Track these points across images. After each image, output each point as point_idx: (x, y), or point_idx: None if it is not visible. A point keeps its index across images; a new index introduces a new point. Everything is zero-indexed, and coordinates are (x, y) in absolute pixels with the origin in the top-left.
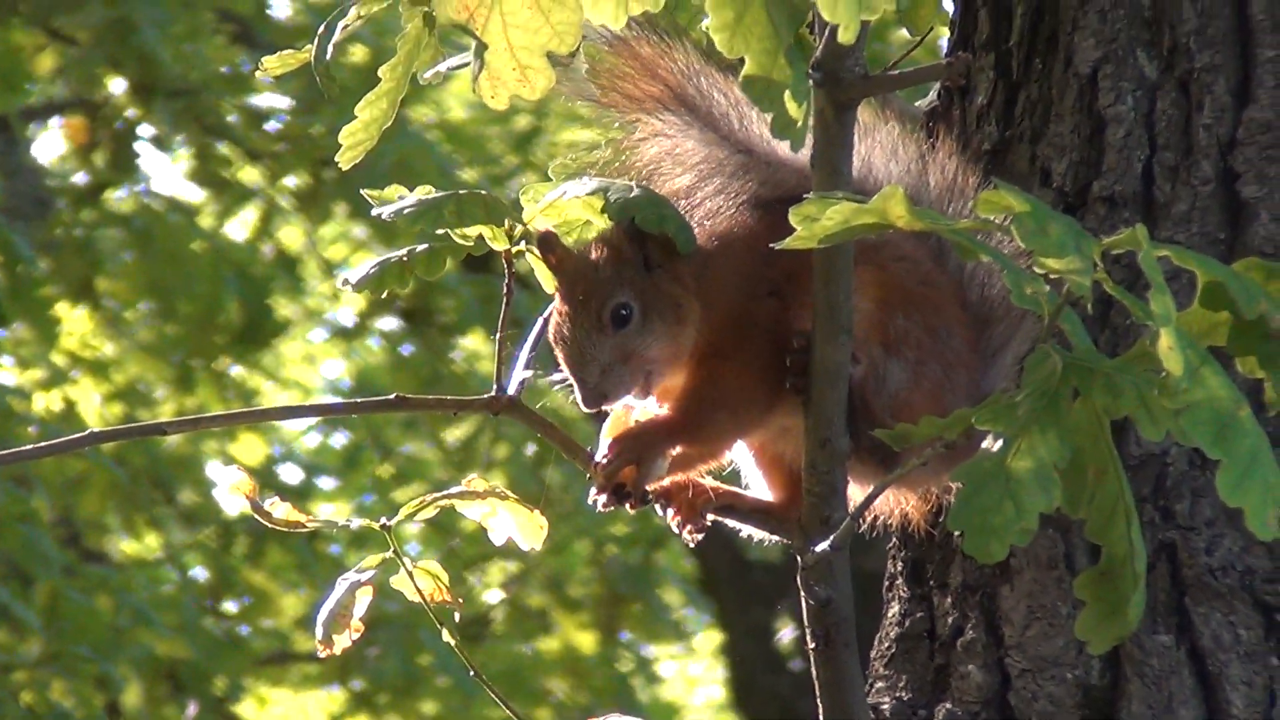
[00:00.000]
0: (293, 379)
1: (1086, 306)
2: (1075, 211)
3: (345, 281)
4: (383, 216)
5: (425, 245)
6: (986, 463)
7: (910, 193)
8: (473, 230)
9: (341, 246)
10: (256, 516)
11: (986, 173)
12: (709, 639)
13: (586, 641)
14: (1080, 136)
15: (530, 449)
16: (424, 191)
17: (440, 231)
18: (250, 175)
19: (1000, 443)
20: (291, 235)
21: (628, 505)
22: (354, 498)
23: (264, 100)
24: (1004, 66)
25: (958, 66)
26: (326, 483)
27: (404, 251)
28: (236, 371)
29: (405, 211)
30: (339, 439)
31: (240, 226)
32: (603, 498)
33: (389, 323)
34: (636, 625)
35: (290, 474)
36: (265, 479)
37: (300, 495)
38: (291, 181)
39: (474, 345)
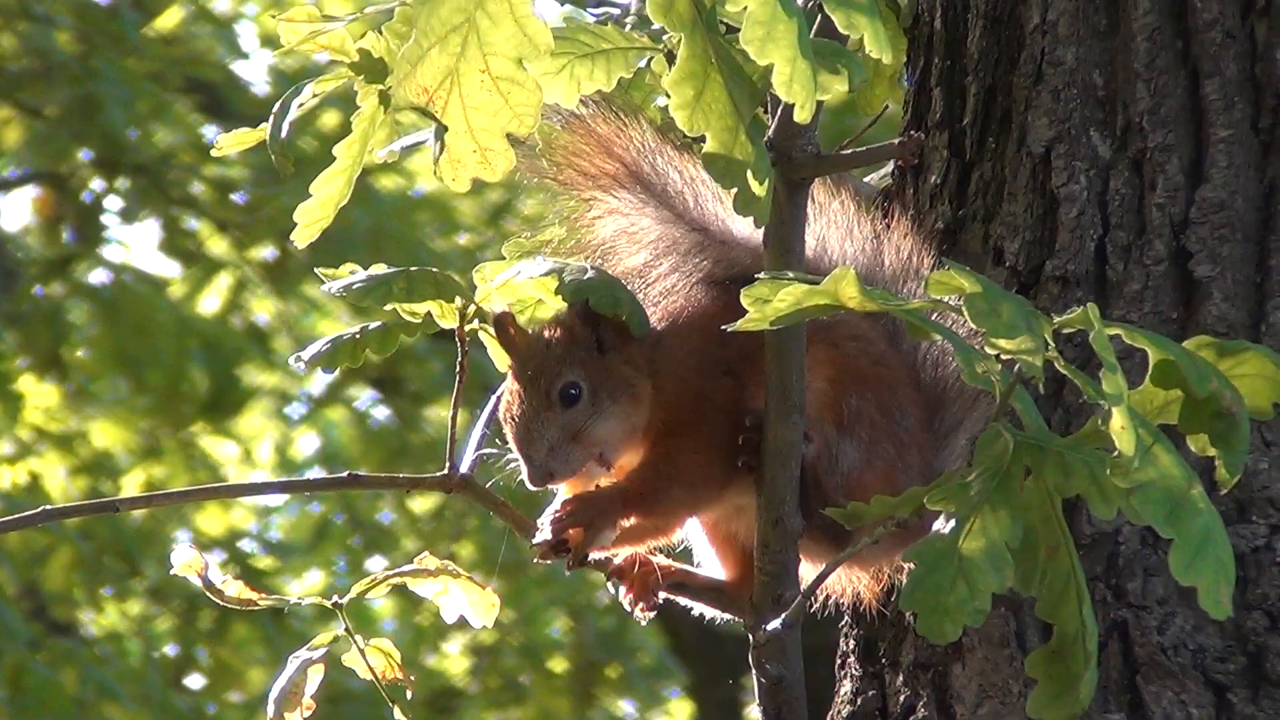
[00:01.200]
0: (252, 450)
1: (1039, 386)
2: (1028, 290)
3: (298, 358)
4: (331, 292)
5: (379, 322)
6: (939, 542)
7: (865, 272)
8: (422, 307)
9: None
10: (209, 595)
11: (941, 251)
12: (680, 709)
13: (562, 707)
14: (1033, 215)
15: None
16: (377, 269)
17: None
18: (219, 246)
19: (952, 522)
20: (262, 308)
21: (566, 564)
22: (327, 569)
23: (233, 171)
24: (957, 145)
25: (910, 146)
26: (297, 555)
27: (357, 329)
28: (205, 442)
29: (354, 287)
30: (313, 509)
31: (213, 297)
32: (542, 546)
33: (361, 390)
34: (612, 691)
35: (261, 545)
36: (234, 552)
37: (270, 568)
38: (264, 254)
39: (444, 414)
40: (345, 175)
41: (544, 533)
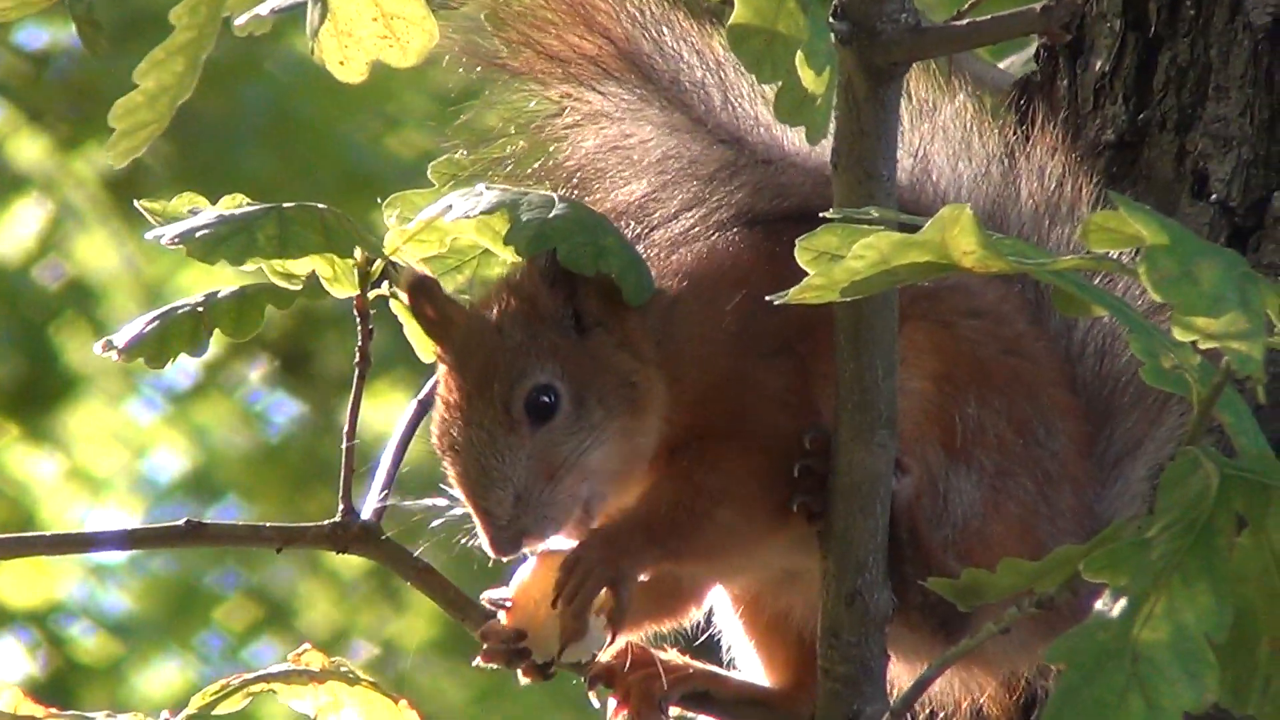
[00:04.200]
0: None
1: (1257, 390)
2: (1246, 239)
3: (108, 344)
4: (163, 242)
5: (232, 289)
6: (1101, 634)
7: (990, 210)
8: (303, 265)
9: None
10: None
11: (1109, 178)
12: None
13: None
14: (1255, 122)
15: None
16: (232, 204)
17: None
18: (28, 151)
19: (1123, 602)
20: (92, 246)
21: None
22: (192, 657)
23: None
24: (1138, 13)
25: (1061, 13)
26: (148, 635)
27: (198, 299)
28: (11, 454)
29: (197, 235)
30: (169, 566)
31: (13, 235)
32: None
33: (253, 372)
34: None
35: (94, 623)
36: (51, 632)
37: (107, 657)
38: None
39: (384, 401)
40: (188, 55)
41: (564, 628)
